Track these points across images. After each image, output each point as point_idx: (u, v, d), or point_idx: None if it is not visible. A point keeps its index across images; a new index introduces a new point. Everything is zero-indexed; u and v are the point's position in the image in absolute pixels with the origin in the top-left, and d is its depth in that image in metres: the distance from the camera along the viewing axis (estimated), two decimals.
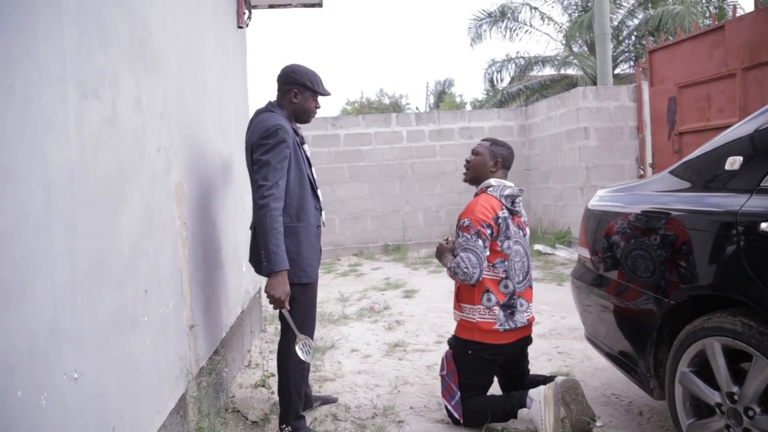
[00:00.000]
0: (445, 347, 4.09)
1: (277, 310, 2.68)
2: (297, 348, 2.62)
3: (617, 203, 2.77)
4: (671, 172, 2.51)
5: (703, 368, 2.13)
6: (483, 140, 3.02)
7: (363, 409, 3.14)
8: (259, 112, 2.75)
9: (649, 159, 7.87)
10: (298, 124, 2.86)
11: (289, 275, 2.55)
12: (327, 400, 3.21)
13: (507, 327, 2.75)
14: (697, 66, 6.88)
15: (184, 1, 2.79)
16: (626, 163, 8.10)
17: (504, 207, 2.82)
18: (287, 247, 2.55)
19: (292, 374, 2.72)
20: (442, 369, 2.93)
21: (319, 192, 2.83)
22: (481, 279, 2.72)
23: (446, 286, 5.96)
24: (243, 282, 3.91)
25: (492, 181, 2.90)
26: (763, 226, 1.80)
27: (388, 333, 4.67)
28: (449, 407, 2.85)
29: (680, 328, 2.23)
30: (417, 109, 30.03)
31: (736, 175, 2.05)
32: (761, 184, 1.92)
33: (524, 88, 15.98)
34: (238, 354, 3.65)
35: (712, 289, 2.05)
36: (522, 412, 2.71)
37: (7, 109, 1.20)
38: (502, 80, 16.45)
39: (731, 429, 1.98)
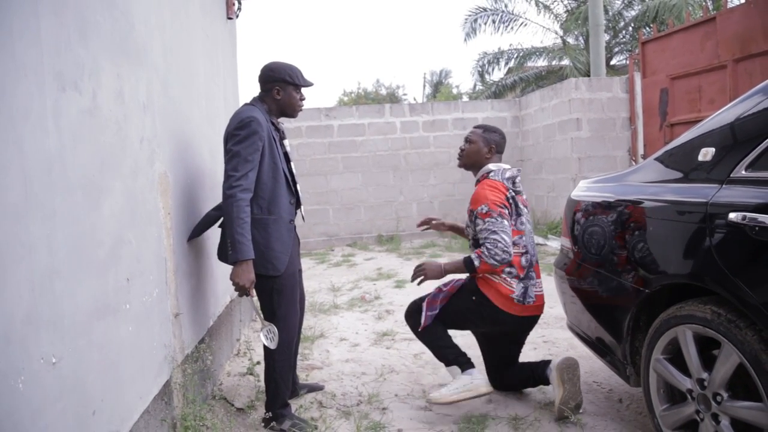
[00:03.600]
0: None
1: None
2: (261, 334, 2.69)
3: (599, 193, 2.80)
4: (653, 161, 2.54)
5: (676, 355, 2.18)
6: (475, 127, 3.11)
7: (348, 396, 3.19)
8: (241, 106, 2.80)
9: (641, 150, 7.91)
10: (280, 120, 2.89)
11: (257, 266, 2.60)
12: (313, 388, 3.26)
13: (521, 300, 2.81)
14: (688, 57, 6.91)
15: None
16: (618, 154, 8.14)
17: (508, 188, 2.91)
18: (256, 239, 2.60)
19: (279, 363, 2.76)
20: (445, 285, 2.95)
21: (298, 187, 2.86)
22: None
23: None
24: None
25: (491, 166, 2.99)
26: (732, 216, 1.84)
27: (377, 322, 4.72)
28: (423, 313, 2.90)
29: (656, 316, 2.28)
30: (414, 99, 30.00)
31: (708, 166, 2.09)
32: (731, 176, 1.96)
33: (519, 79, 15.97)
34: (226, 342, 3.69)
35: (686, 279, 2.09)
36: (452, 370, 2.89)
37: None
38: (492, 72, 16.44)
39: (701, 414, 2.03)
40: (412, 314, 3.03)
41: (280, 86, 2.80)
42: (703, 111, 6.69)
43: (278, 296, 2.72)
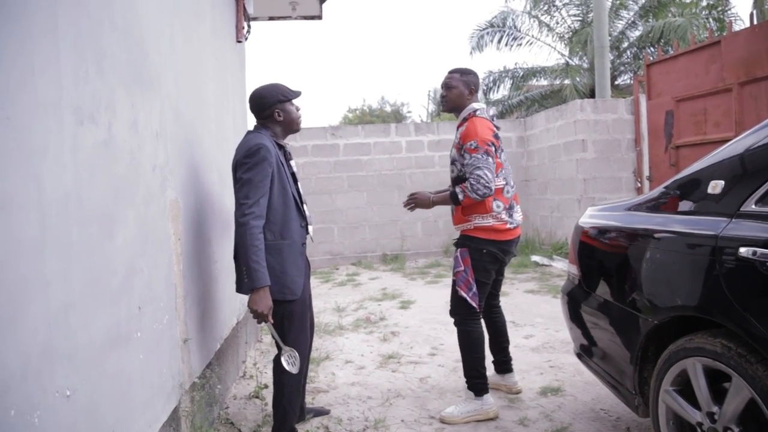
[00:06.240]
0: (439, 359, 4.17)
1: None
2: (282, 359, 2.68)
3: (606, 221, 2.81)
4: (661, 191, 2.54)
5: (685, 387, 2.17)
6: (451, 72, 3.29)
7: (355, 421, 3.18)
8: (246, 134, 2.82)
9: (646, 172, 7.91)
10: (285, 141, 2.91)
11: (273, 292, 2.60)
12: (319, 412, 3.25)
13: (513, 224, 3.19)
14: (693, 80, 6.94)
15: (181, 20, 2.85)
16: (623, 176, 8.15)
17: (493, 125, 3.19)
18: (271, 264, 2.61)
19: (287, 388, 2.75)
20: (458, 265, 3.17)
21: (305, 208, 2.87)
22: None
23: (442, 297, 5.99)
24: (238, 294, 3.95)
25: (475, 105, 3.23)
26: (742, 251, 1.85)
27: (382, 344, 4.71)
28: (467, 298, 3.12)
29: (664, 347, 2.27)
30: (420, 117, 30.12)
31: (718, 199, 2.10)
32: (740, 209, 1.96)
33: (524, 99, 16.03)
34: (232, 365, 3.69)
35: (694, 311, 2.09)
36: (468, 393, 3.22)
37: (2, 140, 1.25)
38: (497, 91, 16.52)
39: None
40: (459, 307, 3.20)
41: (279, 107, 2.82)
42: (709, 133, 6.71)
43: (289, 322, 2.72)
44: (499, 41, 15.40)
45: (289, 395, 2.75)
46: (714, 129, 6.66)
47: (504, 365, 3.50)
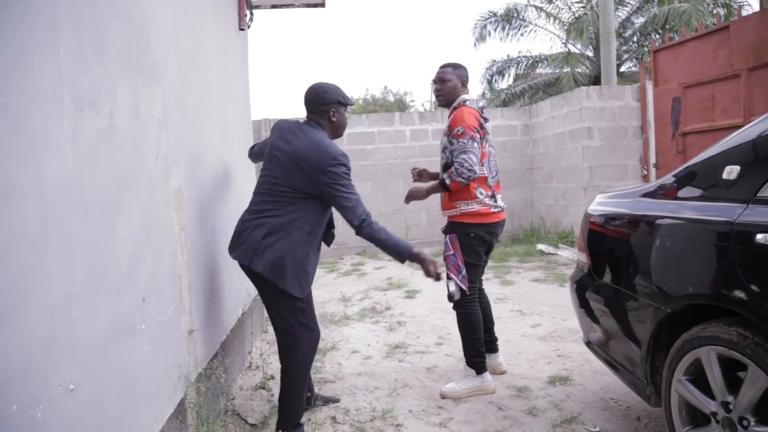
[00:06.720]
0: (446, 348, 4.15)
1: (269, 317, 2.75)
2: (450, 287, 3.24)
3: (616, 209, 2.76)
4: (671, 178, 2.50)
5: (699, 376, 2.14)
6: (443, 67, 3.44)
7: (362, 412, 3.16)
8: (301, 128, 2.75)
9: (652, 159, 7.85)
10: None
11: (286, 283, 2.60)
12: (328, 400, 3.25)
13: (498, 208, 3.34)
14: (701, 66, 6.86)
15: (183, 7, 2.80)
16: (629, 163, 8.08)
17: (481, 116, 3.32)
18: (299, 256, 2.63)
19: (295, 382, 2.73)
20: (448, 250, 3.32)
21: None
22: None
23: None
24: (244, 284, 3.93)
25: (465, 96, 3.38)
26: (759, 237, 1.80)
27: (389, 334, 4.68)
28: (457, 281, 3.28)
29: (677, 335, 2.24)
30: (423, 105, 30.00)
31: (733, 185, 2.05)
32: (757, 195, 1.92)
33: (528, 87, 15.90)
34: (238, 356, 3.67)
35: (709, 300, 2.05)
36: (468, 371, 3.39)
37: (0, 127, 1.21)
38: (501, 80, 16.38)
39: None
40: (454, 294, 3.33)
41: (336, 108, 2.81)
42: (717, 120, 6.64)
43: (302, 316, 2.71)
44: (503, 29, 15.26)
45: (297, 388, 2.73)
46: (722, 115, 6.59)
47: (489, 345, 3.59)
